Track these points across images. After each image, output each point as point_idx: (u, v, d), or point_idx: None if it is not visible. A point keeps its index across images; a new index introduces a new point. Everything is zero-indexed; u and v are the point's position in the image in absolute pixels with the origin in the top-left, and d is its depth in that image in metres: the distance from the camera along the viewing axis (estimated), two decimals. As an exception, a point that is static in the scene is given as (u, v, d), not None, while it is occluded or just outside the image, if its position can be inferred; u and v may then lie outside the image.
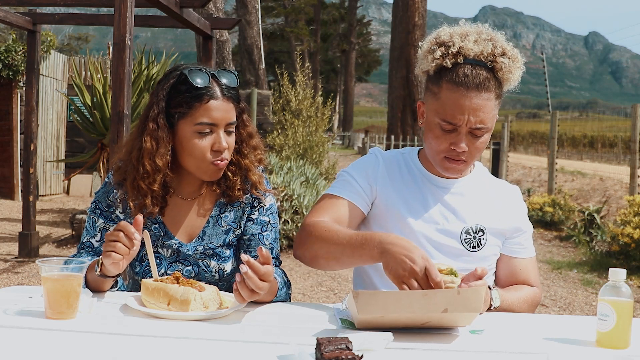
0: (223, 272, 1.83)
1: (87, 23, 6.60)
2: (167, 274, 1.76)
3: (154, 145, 1.70)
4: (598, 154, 21.56)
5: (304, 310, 1.66)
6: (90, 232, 1.82)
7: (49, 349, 1.27)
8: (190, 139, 1.70)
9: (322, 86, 22.08)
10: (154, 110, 1.72)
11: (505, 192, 1.93)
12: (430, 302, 1.37)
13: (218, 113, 1.69)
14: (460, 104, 1.68)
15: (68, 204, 10.37)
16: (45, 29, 10.90)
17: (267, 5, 38.56)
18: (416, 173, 1.88)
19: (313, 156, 10.06)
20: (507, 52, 1.73)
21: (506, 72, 1.72)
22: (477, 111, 1.68)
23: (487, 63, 1.71)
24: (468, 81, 1.68)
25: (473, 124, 1.69)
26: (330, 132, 21.71)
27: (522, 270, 1.89)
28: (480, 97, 1.68)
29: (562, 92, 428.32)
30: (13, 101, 10.26)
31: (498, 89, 1.73)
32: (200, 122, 1.68)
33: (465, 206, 1.84)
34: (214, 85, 1.70)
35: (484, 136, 1.73)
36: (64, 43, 32.88)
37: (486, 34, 1.76)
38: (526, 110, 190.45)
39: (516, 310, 1.76)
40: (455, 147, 1.72)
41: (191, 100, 1.68)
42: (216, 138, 1.70)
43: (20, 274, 5.56)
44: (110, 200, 1.82)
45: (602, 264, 6.54)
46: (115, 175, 1.80)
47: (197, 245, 1.81)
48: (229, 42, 8.73)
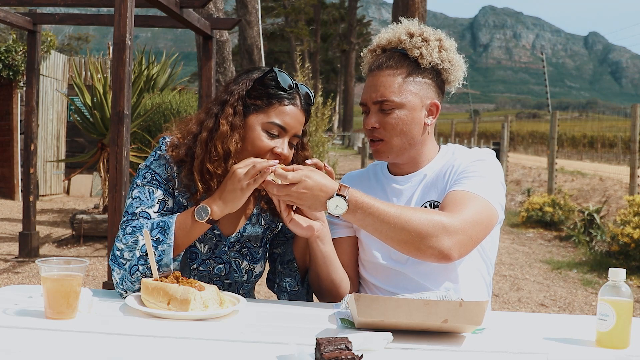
0: (252, 273, 1.85)
1: (87, 23, 6.60)
2: (198, 270, 1.78)
3: (229, 130, 1.69)
4: (598, 154, 21.54)
5: (304, 310, 1.66)
6: (147, 203, 1.72)
7: (48, 349, 1.27)
8: (257, 135, 1.70)
9: (322, 86, 22.06)
10: (234, 96, 1.72)
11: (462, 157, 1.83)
12: (431, 311, 1.37)
13: (291, 120, 1.71)
14: (366, 85, 1.86)
15: (68, 204, 10.37)
16: (46, 29, 10.91)
17: (267, 5, 38.54)
18: (382, 179, 1.94)
19: (313, 156, 10.06)
20: (412, 31, 1.84)
21: (413, 50, 1.81)
22: (377, 86, 1.81)
23: (397, 47, 1.86)
24: (372, 65, 1.86)
25: (374, 99, 1.80)
26: (330, 132, 21.72)
27: (446, 199, 1.71)
28: (381, 74, 1.81)
29: (562, 92, 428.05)
30: (13, 101, 10.27)
31: (409, 67, 1.81)
32: (273, 122, 1.70)
33: (421, 189, 1.84)
34: (295, 93, 1.74)
35: (395, 112, 1.79)
36: (64, 43, 32.89)
37: (401, 24, 1.88)
38: (526, 110, 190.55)
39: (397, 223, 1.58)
40: (367, 126, 1.83)
41: (272, 97, 1.71)
42: (281, 143, 1.71)
43: (20, 274, 5.56)
44: (170, 174, 1.75)
45: (602, 264, 6.54)
46: (172, 152, 1.75)
47: (236, 241, 1.81)
48: (229, 42, 8.72)
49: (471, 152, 1.85)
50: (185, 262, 1.75)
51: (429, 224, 1.58)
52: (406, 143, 1.82)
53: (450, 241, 1.59)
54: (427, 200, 1.82)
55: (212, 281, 1.80)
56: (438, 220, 1.59)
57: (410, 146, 1.83)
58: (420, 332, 1.44)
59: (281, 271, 1.88)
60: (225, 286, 1.83)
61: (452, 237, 1.59)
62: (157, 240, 1.63)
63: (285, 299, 1.88)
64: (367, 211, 1.59)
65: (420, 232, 1.58)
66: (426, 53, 1.81)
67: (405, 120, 1.79)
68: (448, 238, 1.59)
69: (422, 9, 8.78)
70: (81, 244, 6.83)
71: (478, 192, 1.69)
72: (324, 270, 1.79)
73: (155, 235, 1.63)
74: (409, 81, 1.80)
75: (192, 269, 1.78)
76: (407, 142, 1.82)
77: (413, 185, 1.87)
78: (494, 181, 1.75)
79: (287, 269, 1.87)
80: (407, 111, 1.79)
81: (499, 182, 1.77)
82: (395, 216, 1.59)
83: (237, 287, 1.85)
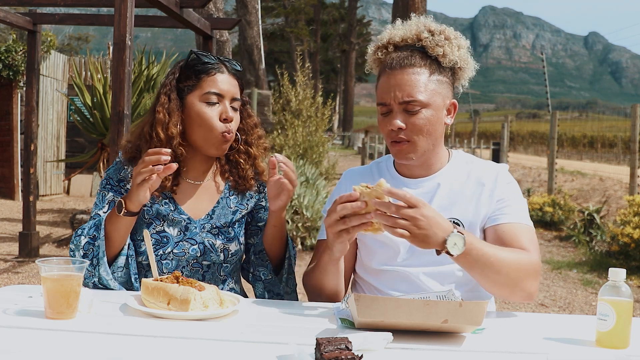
0: (228, 251, 1.88)
1: (87, 23, 6.61)
2: (173, 253, 1.83)
3: (166, 115, 1.81)
4: (598, 154, 21.54)
5: (304, 310, 1.66)
6: (99, 206, 1.86)
7: (48, 349, 1.27)
8: (199, 109, 1.80)
9: (322, 86, 22.08)
10: (165, 86, 1.85)
11: (485, 175, 1.81)
12: (431, 311, 1.37)
13: (224, 85, 1.82)
14: (387, 84, 1.74)
15: (68, 204, 10.37)
16: (46, 29, 10.91)
17: (267, 5, 38.54)
18: (388, 179, 1.86)
19: (313, 156, 10.07)
20: (433, 28, 1.77)
21: (436, 48, 1.75)
22: (402, 85, 1.72)
23: (414, 44, 1.78)
24: (392, 62, 1.75)
25: (400, 98, 1.71)
26: (330, 132, 21.72)
27: (506, 234, 1.72)
28: (404, 73, 1.73)
29: (562, 92, 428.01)
30: (13, 101, 10.27)
31: (431, 65, 1.75)
32: (208, 92, 1.80)
33: (438, 201, 1.78)
34: (219, 63, 1.85)
35: (422, 112, 1.72)
36: (64, 43, 32.89)
37: (415, 22, 1.80)
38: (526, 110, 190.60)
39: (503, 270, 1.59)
40: (391, 127, 1.73)
41: (200, 73, 1.82)
42: (223, 108, 1.81)
43: (21, 274, 5.56)
44: (122, 175, 1.88)
45: (602, 264, 6.54)
46: (125, 154, 1.88)
47: (205, 222, 1.87)
48: (229, 42, 8.73)
49: (493, 170, 1.82)
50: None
51: (523, 268, 1.63)
52: (430, 144, 1.77)
53: (537, 282, 1.68)
54: (449, 218, 1.75)
55: (190, 264, 1.85)
56: (528, 262, 1.65)
57: (434, 147, 1.79)
58: (420, 332, 1.44)
59: (254, 261, 1.93)
60: (205, 268, 1.87)
61: (538, 277, 1.69)
62: (94, 237, 1.75)
63: (261, 288, 1.91)
64: (479, 252, 1.56)
65: (519, 276, 1.63)
66: (449, 51, 1.76)
67: (432, 120, 1.73)
68: (535, 280, 1.67)
69: (422, 9, 8.78)
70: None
71: (527, 221, 1.77)
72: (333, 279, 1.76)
73: (92, 233, 1.76)
74: (433, 80, 1.74)
75: (167, 252, 1.83)
76: (431, 143, 1.77)
77: (426, 193, 1.80)
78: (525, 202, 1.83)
79: (260, 259, 1.92)
80: (432, 111, 1.73)
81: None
82: (495, 260, 1.59)
83: (216, 268, 1.89)
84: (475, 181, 1.80)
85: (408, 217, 1.47)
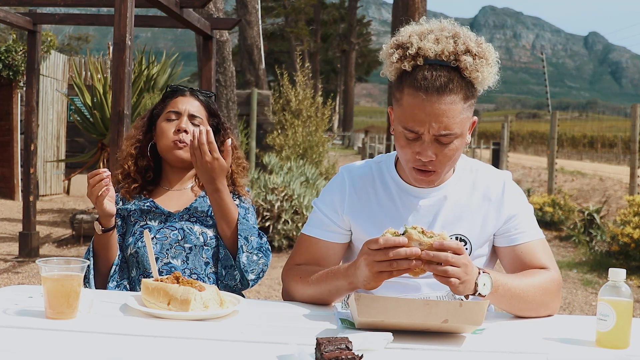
0: (206, 235, 2.02)
1: (87, 23, 6.61)
2: (157, 238, 1.98)
3: (132, 131, 2.18)
4: (598, 154, 21.56)
5: (304, 310, 1.66)
6: None
7: (49, 349, 1.27)
8: (161, 125, 2.09)
9: (322, 86, 22.08)
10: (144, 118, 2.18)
11: (491, 188, 1.76)
12: (431, 311, 1.37)
13: (182, 104, 2.10)
14: (420, 111, 1.56)
15: (68, 204, 10.37)
16: (46, 29, 10.90)
17: (267, 5, 38.50)
18: (391, 186, 1.77)
19: (313, 156, 10.06)
20: (472, 49, 1.59)
21: (473, 71, 1.58)
22: (439, 117, 1.55)
23: (450, 63, 1.58)
24: (428, 85, 1.55)
25: (437, 131, 1.56)
26: (330, 132, 21.71)
27: (525, 254, 1.71)
28: (442, 102, 1.55)
29: (562, 92, 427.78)
30: (13, 101, 10.26)
31: (466, 89, 1.59)
32: (169, 111, 2.09)
33: (444, 216, 1.73)
34: (184, 89, 2.15)
35: (454, 143, 1.60)
36: (64, 43, 32.87)
37: (448, 30, 1.62)
38: (526, 110, 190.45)
39: (529, 298, 1.60)
40: (420, 157, 1.60)
41: (166, 98, 2.15)
42: (179, 122, 2.07)
43: (21, 274, 5.56)
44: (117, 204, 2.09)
45: (602, 264, 6.54)
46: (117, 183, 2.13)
47: (184, 214, 2.05)
48: (229, 42, 8.72)
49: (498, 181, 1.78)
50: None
51: (548, 291, 1.65)
52: (451, 167, 1.72)
53: (560, 297, 1.70)
54: (455, 233, 1.72)
55: (173, 247, 1.99)
56: (551, 282, 1.66)
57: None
58: (420, 332, 1.44)
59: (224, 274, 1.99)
60: (187, 250, 1.98)
61: (560, 292, 1.71)
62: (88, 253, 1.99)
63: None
64: (505, 287, 1.56)
65: (544, 300, 1.65)
66: (486, 76, 1.62)
67: (460, 147, 1.63)
68: (559, 297, 1.70)
69: (422, 9, 8.78)
70: (81, 244, 6.83)
71: (540, 234, 1.77)
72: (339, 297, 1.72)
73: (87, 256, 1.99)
74: (466, 107, 1.60)
75: (151, 238, 1.97)
76: (452, 166, 1.72)
77: (432, 206, 1.74)
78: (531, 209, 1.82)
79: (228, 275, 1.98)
80: (461, 139, 1.62)
81: None
82: (521, 290, 1.60)
83: (198, 251, 1.99)
84: (481, 195, 1.76)
85: (462, 264, 1.43)
